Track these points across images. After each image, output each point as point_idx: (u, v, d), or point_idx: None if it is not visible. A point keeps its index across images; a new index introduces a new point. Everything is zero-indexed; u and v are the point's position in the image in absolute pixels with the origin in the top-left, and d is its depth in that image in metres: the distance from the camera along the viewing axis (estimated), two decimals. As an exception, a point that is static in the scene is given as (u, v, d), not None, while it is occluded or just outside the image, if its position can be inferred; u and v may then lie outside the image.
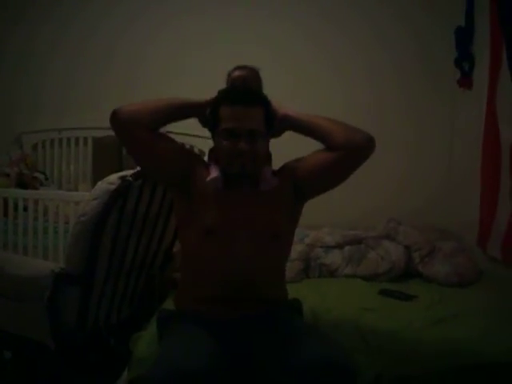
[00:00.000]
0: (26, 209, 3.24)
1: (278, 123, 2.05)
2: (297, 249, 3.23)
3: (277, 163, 2.15)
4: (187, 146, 3.94)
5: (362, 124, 2.02)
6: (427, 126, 3.94)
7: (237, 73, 2.85)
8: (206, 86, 2.08)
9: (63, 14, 4.30)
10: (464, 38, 3.66)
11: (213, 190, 1.99)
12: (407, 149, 3.93)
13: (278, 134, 2.10)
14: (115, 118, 1.97)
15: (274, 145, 2.12)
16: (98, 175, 3.29)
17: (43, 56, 4.34)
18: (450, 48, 3.76)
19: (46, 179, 4.24)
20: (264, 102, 2.01)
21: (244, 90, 2.21)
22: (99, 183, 2.37)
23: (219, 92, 2.03)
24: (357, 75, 3.99)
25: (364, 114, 3.85)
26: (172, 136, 2.09)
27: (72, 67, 4.30)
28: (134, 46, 4.22)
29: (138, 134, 1.97)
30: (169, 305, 2.33)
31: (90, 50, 4.27)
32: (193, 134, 3.65)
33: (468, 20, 3.64)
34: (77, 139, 4.44)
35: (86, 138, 4.40)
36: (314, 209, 2.28)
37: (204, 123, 2.10)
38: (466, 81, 3.72)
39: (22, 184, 3.95)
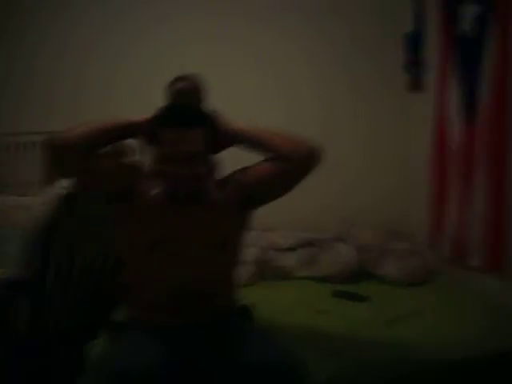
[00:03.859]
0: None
1: (220, 139, 1.98)
2: (251, 252, 3.24)
3: (233, 162, 2.09)
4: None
5: (311, 121, 1.99)
6: (381, 126, 3.95)
7: (178, 85, 2.66)
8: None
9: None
10: (413, 42, 3.74)
11: (157, 204, 1.96)
12: (361, 148, 3.93)
13: (219, 150, 2.02)
14: (50, 145, 1.88)
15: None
16: (48, 180, 3.22)
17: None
18: (400, 52, 3.82)
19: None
20: (204, 121, 1.93)
21: (182, 110, 2.01)
22: (50, 188, 2.34)
23: (158, 111, 1.94)
24: (301, 73, 3.93)
25: (313, 111, 3.82)
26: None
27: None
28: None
29: (72, 160, 1.88)
30: (121, 312, 2.31)
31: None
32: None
33: (416, 25, 3.71)
34: (33, 143, 4.35)
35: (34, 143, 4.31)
36: (265, 209, 2.27)
37: (146, 142, 1.98)
38: (415, 83, 3.78)
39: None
